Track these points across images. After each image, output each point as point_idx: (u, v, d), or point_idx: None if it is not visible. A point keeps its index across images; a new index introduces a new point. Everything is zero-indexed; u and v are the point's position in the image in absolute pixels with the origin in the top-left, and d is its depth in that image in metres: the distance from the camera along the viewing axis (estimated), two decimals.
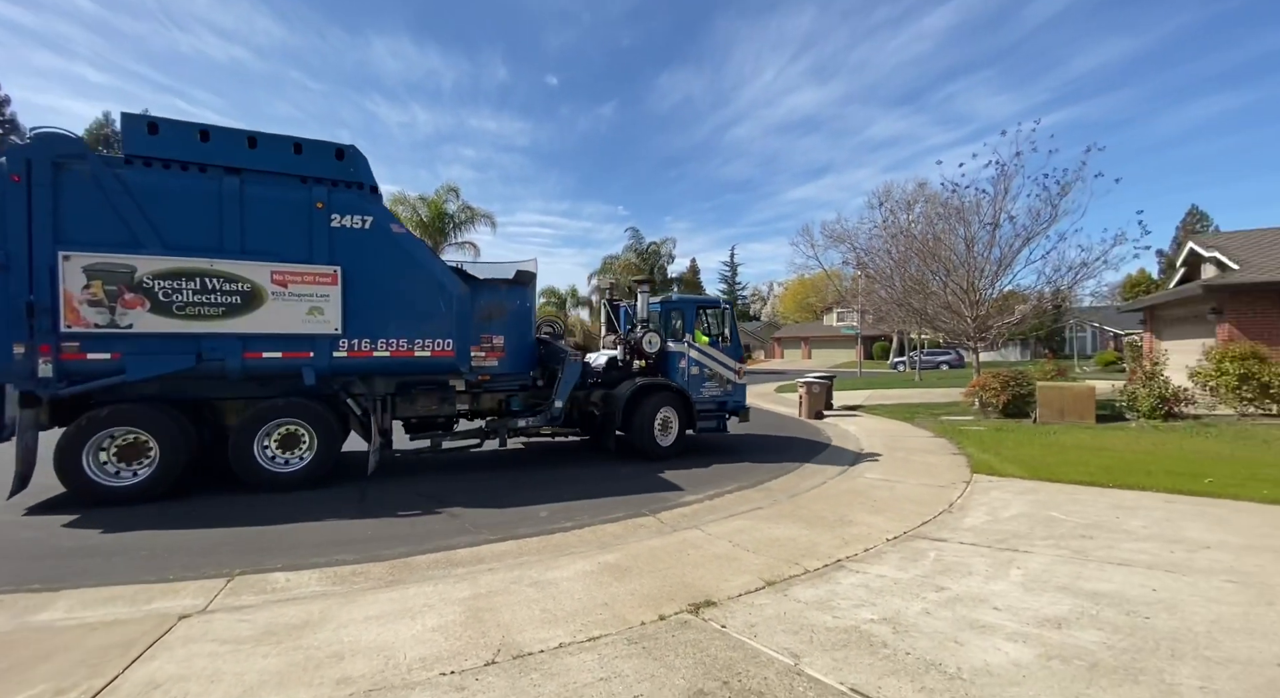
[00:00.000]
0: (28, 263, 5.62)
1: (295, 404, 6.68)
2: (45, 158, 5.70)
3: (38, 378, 5.65)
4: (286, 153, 6.57)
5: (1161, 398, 10.82)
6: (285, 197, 6.48)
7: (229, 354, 6.27)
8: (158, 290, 5.97)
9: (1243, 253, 13.62)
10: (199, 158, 6.22)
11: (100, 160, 5.93)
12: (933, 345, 46.02)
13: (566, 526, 5.31)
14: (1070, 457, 7.93)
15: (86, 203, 5.84)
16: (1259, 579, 3.68)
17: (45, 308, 5.65)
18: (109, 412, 5.98)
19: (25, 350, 5.60)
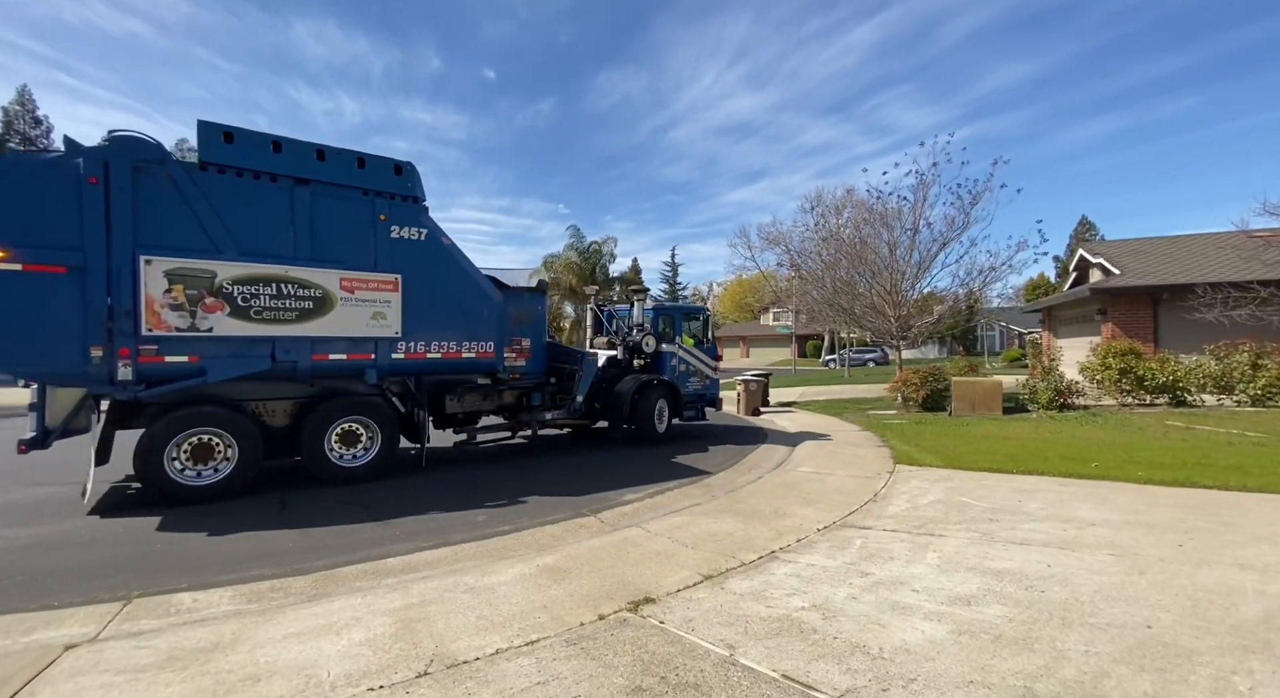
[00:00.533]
0: (106, 266, 5.56)
1: (360, 402, 7.12)
2: (124, 161, 5.67)
3: (116, 382, 5.62)
4: (351, 166, 6.88)
5: (1057, 391, 11.91)
6: (350, 208, 6.88)
7: (301, 356, 6.57)
8: (236, 295, 6.15)
9: (1123, 260, 15.24)
10: (271, 168, 6.40)
11: (180, 165, 5.95)
12: (861, 344, 48.54)
13: (505, 529, 5.20)
14: (980, 446, 8.58)
15: (166, 207, 5.87)
16: (1133, 551, 4.13)
17: (125, 311, 5.63)
18: (193, 412, 6.13)
19: (103, 354, 5.55)
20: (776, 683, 2.57)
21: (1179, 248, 15.61)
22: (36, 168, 5.52)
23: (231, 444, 6.30)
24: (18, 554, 4.54)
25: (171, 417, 6.03)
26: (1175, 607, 3.25)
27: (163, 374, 5.88)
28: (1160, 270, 14.28)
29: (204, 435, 6.20)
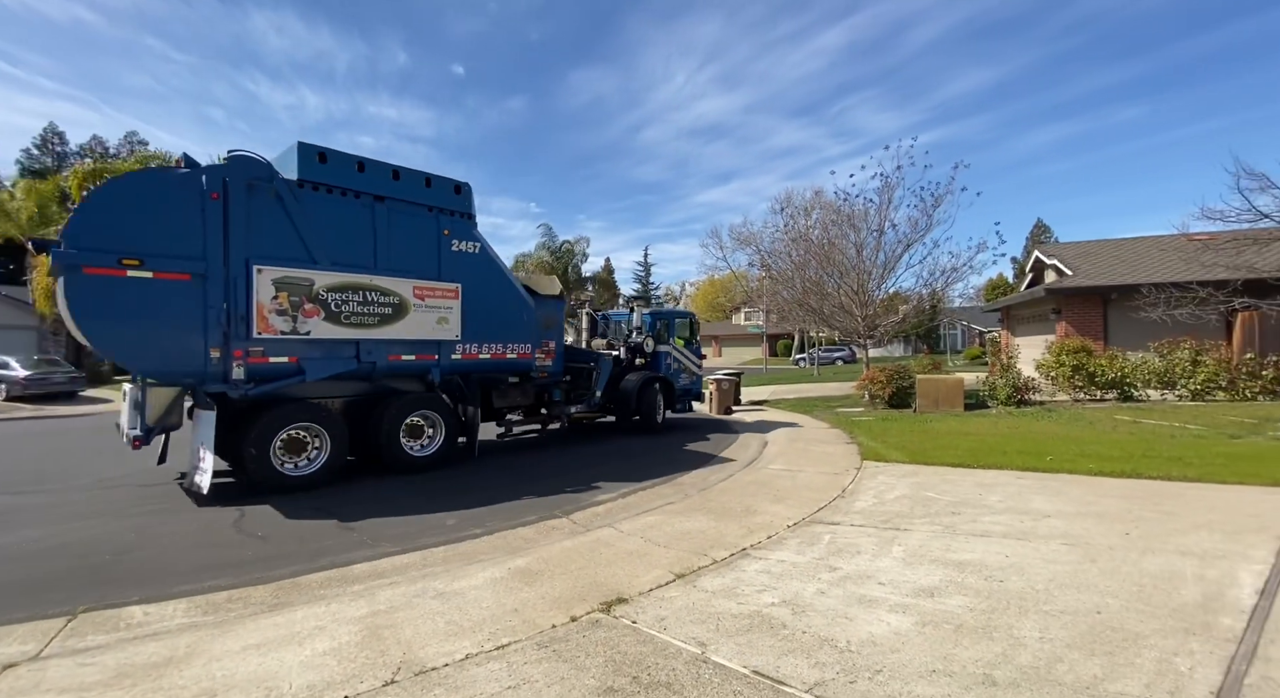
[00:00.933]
0: (224, 274, 6.06)
1: (426, 398, 7.82)
2: (240, 178, 6.15)
3: (231, 380, 6.13)
4: (420, 185, 7.63)
5: (1015, 388, 12.37)
6: (419, 223, 7.61)
7: (380, 357, 7.26)
8: (330, 301, 6.74)
9: (1075, 261, 15.92)
10: (356, 186, 7.05)
11: (284, 183, 6.48)
12: (830, 343, 49.51)
13: (475, 533, 5.13)
14: (943, 442, 8.84)
15: (273, 221, 6.40)
16: (1084, 541, 4.31)
17: (240, 316, 6.13)
18: (293, 408, 6.65)
19: (220, 355, 6.07)
20: (747, 679, 2.60)
21: (1125, 250, 16.41)
22: (167, 183, 5.95)
23: (322, 438, 6.86)
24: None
25: (276, 412, 6.51)
26: (1123, 593, 3.40)
27: (268, 373, 6.44)
28: (1109, 272, 14.98)
29: (297, 431, 6.70)
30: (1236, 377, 11.50)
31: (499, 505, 6.02)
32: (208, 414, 6.12)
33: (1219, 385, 11.62)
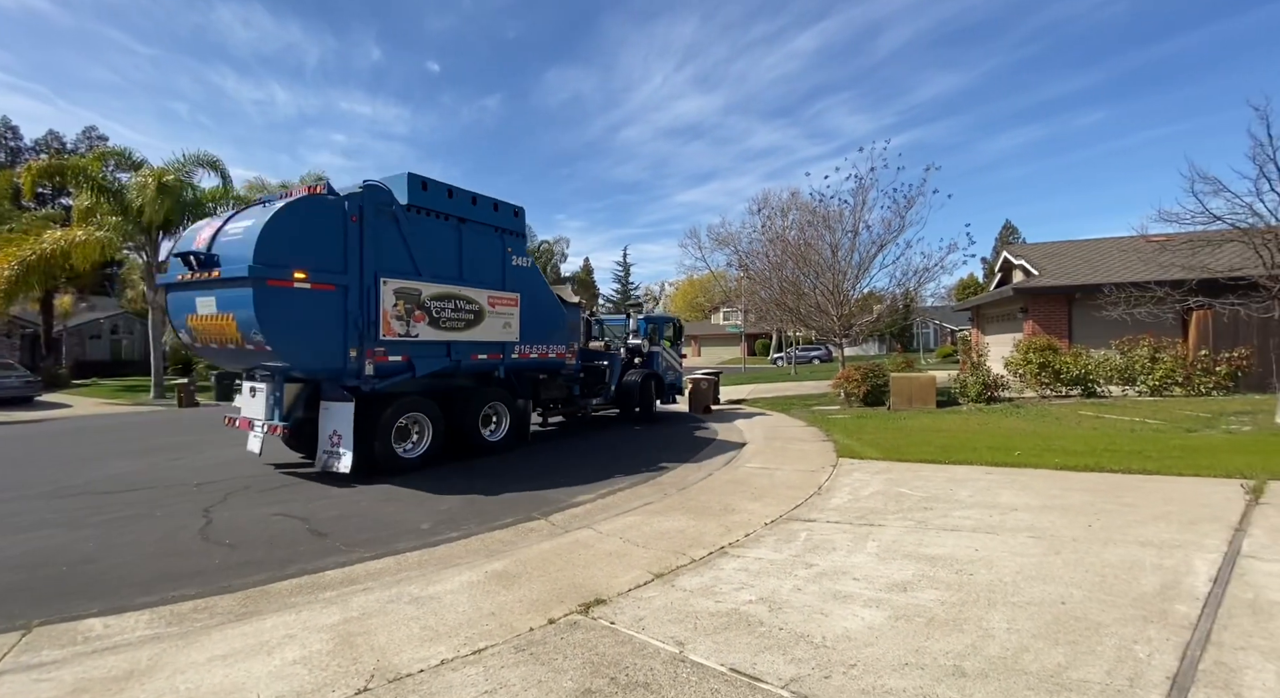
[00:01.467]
0: (360, 286, 7.02)
1: (495, 392, 9.10)
2: (371, 203, 7.18)
3: (363, 376, 7.10)
4: (490, 209, 8.82)
5: (985, 385, 12.69)
6: (490, 241, 8.81)
7: (464, 357, 8.37)
8: (432, 309, 7.80)
9: (1041, 261, 16.40)
10: (446, 209, 8.15)
11: (400, 207, 7.54)
12: (807, 342, 50.13)
13: (451, 536, 5.06)
14: (916, 439, 9.03)
15: (391, 240, 7.40)
16: (1050, 533, 4.45)
17: (371, 321, 7.10)
18: (409, 400, 7.76)
19: (356, 354, 7.01)
20: (724, 677, 2.62)
21: (1089, 251, 16.97)
22: (323, 207, 6.83)
23: (423, 426, 7.94)
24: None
25: (397, 404, 7.53)
26: (1086, 583, 3.52)
27: (389, 370, 7.43)
28: (1073, 272, 15.47)
29: (407, 420, 7.75)
30: (1192, 373, 11.99)
31: (475, 508, 5.95)
32: (345, 406, 7.05)
33: (1176, 381, 12.10)
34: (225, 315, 6.50)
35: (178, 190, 19.19)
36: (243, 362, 7.38)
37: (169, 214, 19.02)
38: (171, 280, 7.20)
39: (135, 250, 20.90)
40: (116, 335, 33.30)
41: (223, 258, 6.55)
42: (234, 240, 6.54)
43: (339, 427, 7.07)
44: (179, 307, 7.18)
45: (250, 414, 7.48)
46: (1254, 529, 4.33)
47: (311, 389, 7.46)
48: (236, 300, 6.35)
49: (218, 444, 10.30)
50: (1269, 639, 2.78)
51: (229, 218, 7.03)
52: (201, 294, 6.71)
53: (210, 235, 6.83)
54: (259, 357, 6.76)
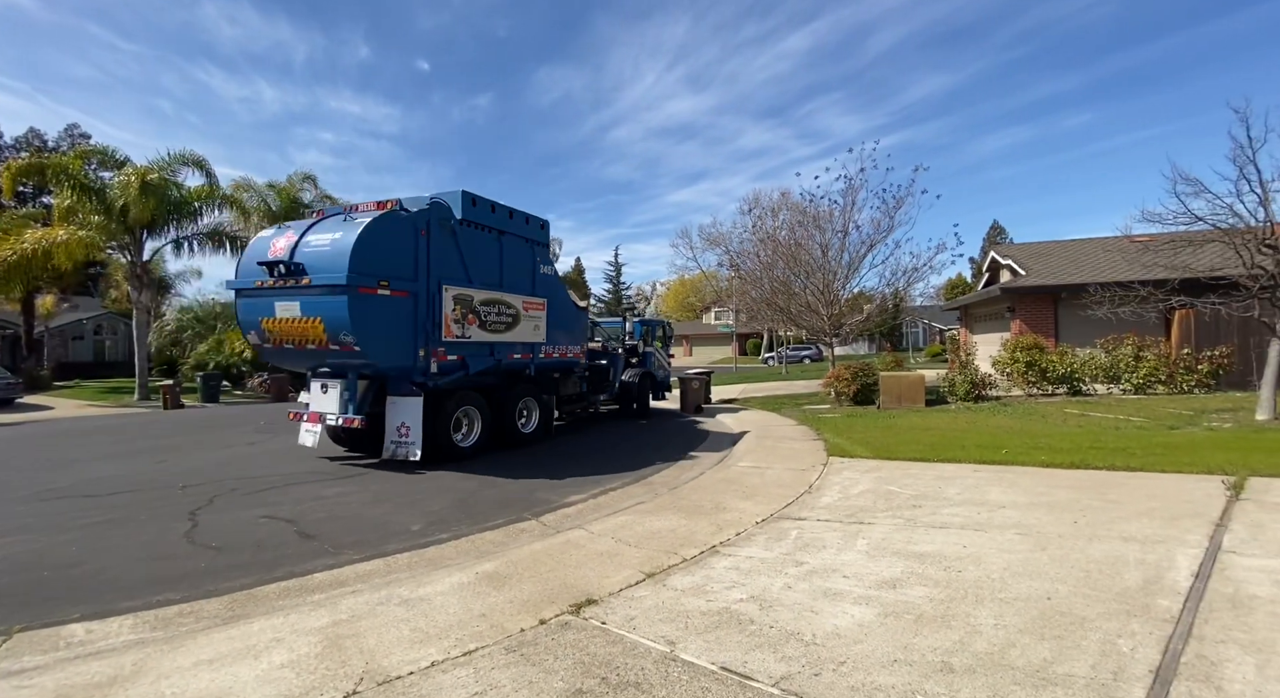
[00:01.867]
0: (426, 293, 7.81)
1: (527, 389, 9.91)
2: (436, 218, 7.99)
3: (429, 373, 7.90)
4: (523, 223, 9.62)
5: (973, 383, 12.82)
6: (522, 251, 9.62)
7: (504, 356, 9.22)
8: (481, 312, 8.61)
9: (1028, 261, 16.59)
10: (490, 223, 8.94)
11: (456, 221, 8.33)
12: (797, 342, 50.40)
13: (441, 537, 5.04)
14: (905, 437, 9.11)
15: (449, 251, 8.19)
16: (1036, 530, 4.50)
17: (436, 324, 7.89)
18: (464, 395, 8.59)
19: (424, 353, 7.82)
20: (715, 676, 2.63)
21: (1074, 251, 17.19)
22: (400, 222, 7.64)
23: (473, 419, 8.76)
24: None
25: (455, 397, 8.40)
26: (1071, 579, 3.57)
27: (448, 368, 8.23)
28: (1059, 272, 15.67)
29: (462, 413, 8.60)
30: (1175, 371, 12.19)
31: (466, 509, 5.92)
32: (414, 400, 7.82)
33: (1159, 379, 12.30)
34: (311, 319, 7.22)
35: (162, 189, 18.94)
36: (316, 361, 8.03)
37: (153, 213, 18.76)
38: (247, 285, 7.84)
39: (119, 250, 20.59)
40: (100, 336, 32.79)
41: (309, 267, 7.25)
42: (321, 252, 7.24)
43: (407, 419, 7.83)
44: (254, 310, 7.79)
45: (322, 409, 7.98)
46: (1234, 525, 4.41)
47: (379, 386, 8.12)
48: (326, 305, 7.12)
49: (205, 446, 10.19)
50: (1248, 633, 2.83)
51: (306, 229, 7.66)
52: (283, 299, 7.40)
53: (289, 246, 7.48)
54: (342, 356, 7.47)
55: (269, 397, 21.91)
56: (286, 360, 8.78)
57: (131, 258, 20.22)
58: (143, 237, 20.19)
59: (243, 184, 25.23)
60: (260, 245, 7.99)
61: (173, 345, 28.02)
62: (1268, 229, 9.41)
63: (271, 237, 7.94)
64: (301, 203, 26.98)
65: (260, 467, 8.21)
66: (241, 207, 23.35)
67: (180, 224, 21.05)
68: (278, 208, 26.25)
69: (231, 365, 24.75)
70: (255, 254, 7.89)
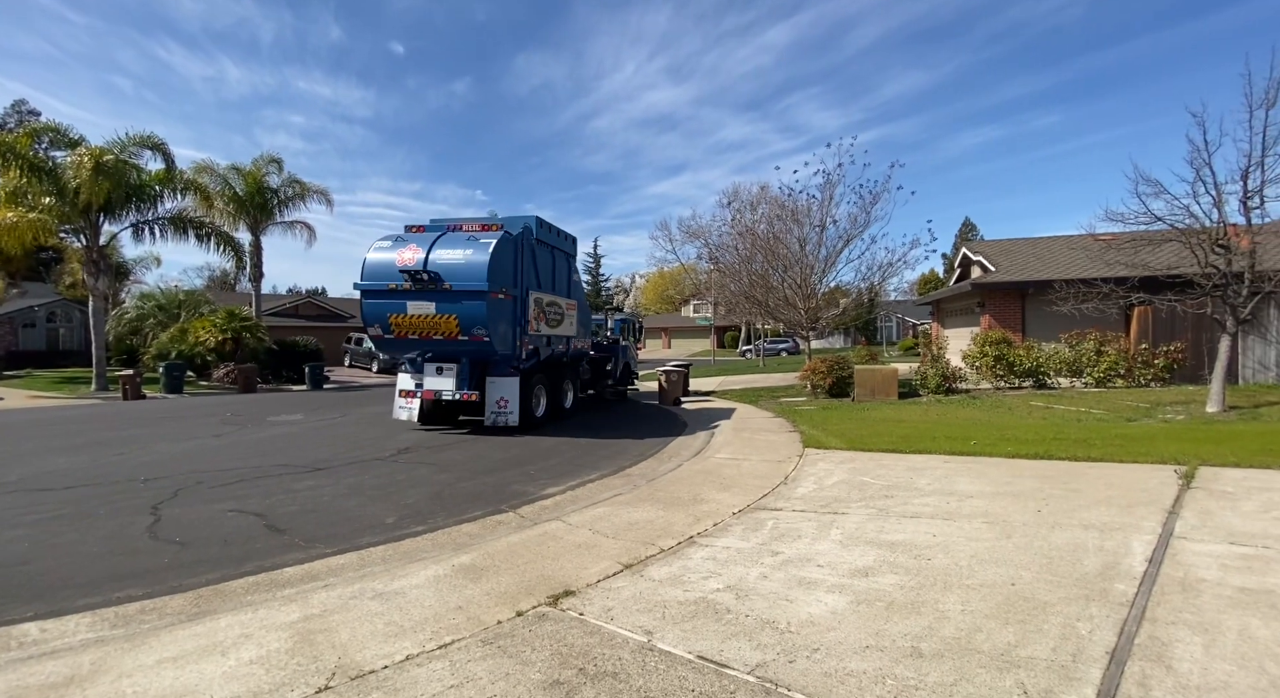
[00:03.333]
0: (520, 297, 10.08)
1: (568, 373, 12.50)
2: (526, 239, 10.41)
3: (521, 358, 10.25)
4: (563, 239, 12.20)
5: (944, 377, 13.14)
6: (562, 262, 12.10)
7: (555, 347, 11.57)
8: (547, 312, 11.07)
9: (997, 258, 17.02)
10: (548, 240, 11.43)
11: (536, 239, 10.79)
12: (775, 335, 50.92)
13: (417, 530, 4.98)
14: (879, 429, 9.30)
15: (529, 264, 10.43)
16: (1002, 519, 4.65)
17: (526, 320, 10.19)
18: (539, 377, 10.90)
19: (518, 344, 10.08)
20: (692, 664, 2.66)
21: (1041, 248, 17.69)
22: (511, 242, 9.93)
23: (542, 395, 11.00)
24: None
25: (534, 378, 10.70)
26: (1034, 565, 3.69)
27: (530, 356, 10.59)
28: (1026, 268, 16.11)
29: (536, 391, 10.78)
30: (1133, 365, 12.69)
31: (441, 501, 5.86)
32: (512, 379, 10.08)
33: (1119, 373, 12.79)
34: (446, 316, 9.47)
35: (120, 172, 18.11)
36: (433, 349, 10.02)
37: (109, 196, 17.96)
38: (380, 287, 9.72)
39: (74, 234, 19.65)
40: (54, 324, 31.34)
41: (445, 275, 9.39)
42: (455, 264, 9.41)
43: (505, 394, 10.04)
44: (383, 309, 9.76)
45: (437, 387, 10.03)
46: (1185, 512, 4.62)
47: (480, 369, 10.12)
48: (463, 307, 9.38)
49: (168, 438, 9.86)
50: (1197, 614, 2.97)
51: (433, 243, 9.69)
52: (418, 300, 9.52)
53: (418, 258, 9.51)
54: (465, 345, 9.65)
55: (236, 388, 21.29)
56: (400, 348, 10.47)
57: (88, 243, 19.33)
58: (99, 221, 19.30)
59: (205, 167, 24.33)
60: (383, 256, 9.85)
61: (132, 334, 26.91)
62: (1221, 230, 9.81)
63: (392, 247, 9.88)
64: (268, 187, 26.17)
65: (228, 460, 7.98)
66: (204, 192, 22.52)
67: (140, 209, 20.19)
68: (244, 192, 25.45)
69: (196, 355, 23.95)
70: (381, 262, 9.79)
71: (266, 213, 26.32)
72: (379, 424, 11.48)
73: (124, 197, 19.07)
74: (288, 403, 16.09)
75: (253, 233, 26.07)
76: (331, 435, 10.20)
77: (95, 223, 19.31)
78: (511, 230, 10.13)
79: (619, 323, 17.38)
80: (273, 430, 10.80)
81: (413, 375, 10.33)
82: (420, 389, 10.16)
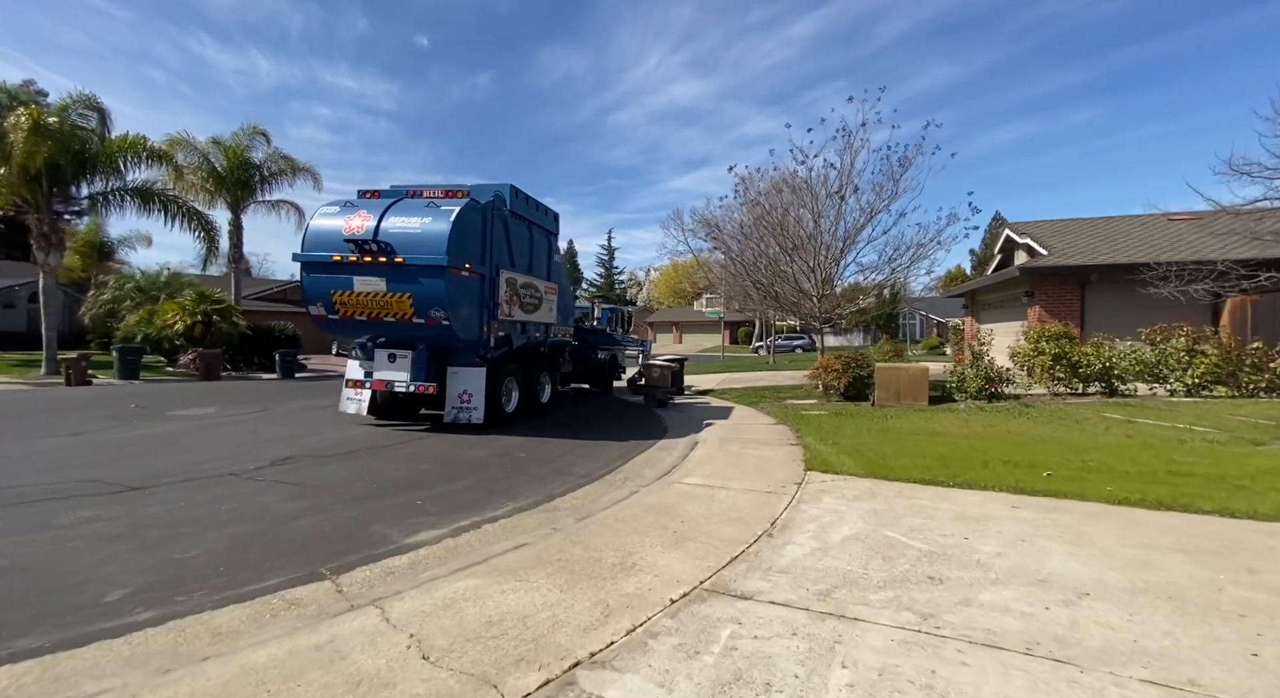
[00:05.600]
0: (489, 275, 8.69)
1: (545, 364, 10.88)
2: (497, 209, 8.93)
3: (488, 346, 8.84)
4: (543, 214, 10.63)
5: (987, 379, 10.76)
6: (542, 240, 10.59)
7: (531, 334, 10.14)
8: (521, 295, 9.62)
9: (1050, 239, 14.47)
10: (525, 214, 9.88)
11: (508, 212, 9.28)
12: (790, 331, 48.32)
13: (135, 620, 2.98)
14: (907, 445, 7.07)
15: (500, 239, 9.00)
16: (1173, 656, 2.44)
17: (496, 303, 8.83)
18: (510, 368, 9.49)
19: (486, 329, 8.71)
20: None
21: (1103, 229, 15.06)
22: (476, 211, 8.43)
23: (514, 388, 9.54)
24: None
25: (504, 368, 9.20)
26: None
27: (500, 343, 9.08)
28: (1087, 251, 13.56)
29: (507, 383, 9.30)
30: (1239, 369, 10.09)
31: (242, 554, 3.84)
32: (477, 370, 8.58)
33: (1218, 379, 10.20)
34: (398, 294, 7.87)
35: (64, 135, 16.51)
36: (384, 333, 8.42)
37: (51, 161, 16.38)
38: (322, 259, 8.07)
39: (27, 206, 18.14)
40: (36, 304, 30.30)
41: (399, 247, 7.80)
42: (410, 233, 7.83)
43: (469, 387, 8.52)
44: (326, 284, 8.14)
45: (391, 377, 8.44)
46: None
47: (440, 357, 8.62)
48: (419, 285, 7.79)
49: (27, 434, 8.01)
50: None
51: (384, 211, 8.05)
52: (366, 274, 7.92)
53: (370, 226, 7.91)
54: (421, 329, 8.08)
55: (198, 375, 19.72)
56: (348, 331, 8.86)
57: (37, 214, 17.80)
58: (50, 190, 17.76)
59: (180, 139, 22.77)
60: (328, 223, 8.20)
61: (109, 317, 25.63)
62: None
63: (340, 214, 8.23)
64: (251, 163, 24.56)
65: (43, 469, 6.11)
66: (174, 163, 20.98)
67: (95, 179, 18.64)
68: (223, 167, 23.86)
69: (163, 339, 22.52)
70: (325, 230, 8.15)
71: (248, 190, 24.76)
72: (299, 421, 9.58)
73: (76, 164, 17.49)
74: (224, 393, 14.34)
75: (233, 211, 24.55)
76: (219, 436, 8.30)
77: (46, 192, 17.77)
78: (480, 199, 8.60)
79: (606, 311, 16.12)
80: (160, 427, 8.95)
81: (362, 363, 8.84)
82: (370, 379, 8.63)
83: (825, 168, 12.67)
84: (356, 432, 8.57)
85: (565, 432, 9.05)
